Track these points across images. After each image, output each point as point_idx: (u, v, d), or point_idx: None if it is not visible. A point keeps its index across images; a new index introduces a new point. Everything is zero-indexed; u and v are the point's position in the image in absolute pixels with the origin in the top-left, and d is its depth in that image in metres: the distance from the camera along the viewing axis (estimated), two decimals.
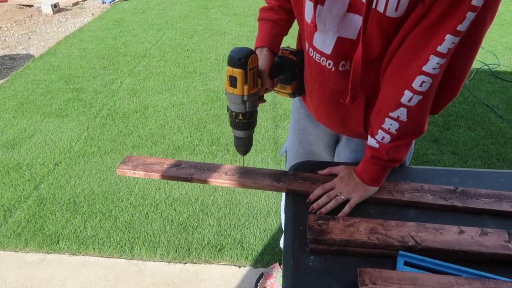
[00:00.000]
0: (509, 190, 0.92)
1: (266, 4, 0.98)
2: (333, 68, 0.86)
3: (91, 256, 1.77)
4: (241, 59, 0.79)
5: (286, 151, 1.29)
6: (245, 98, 0.84)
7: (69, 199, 2.08)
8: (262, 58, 0.91)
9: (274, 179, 0.96)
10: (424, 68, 0.72)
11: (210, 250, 1.78)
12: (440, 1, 0.66)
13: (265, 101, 0.95)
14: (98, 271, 1.70)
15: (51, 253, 1.79)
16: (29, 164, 2.34)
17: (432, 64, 0.71)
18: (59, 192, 2.13)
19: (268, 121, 2.71)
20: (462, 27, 0.66)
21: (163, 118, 2.78)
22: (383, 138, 0.83)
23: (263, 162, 2.31)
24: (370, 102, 0.90)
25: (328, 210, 0.87)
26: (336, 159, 1.15)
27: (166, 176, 0.98)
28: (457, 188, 0.93)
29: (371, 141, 0.86)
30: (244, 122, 0.87)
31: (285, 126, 2.65)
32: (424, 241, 0.76)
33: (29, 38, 4.38)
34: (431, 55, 0.70)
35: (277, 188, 0.95)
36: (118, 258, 1.76)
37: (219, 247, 1.80)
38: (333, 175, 0.97)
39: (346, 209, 0.87)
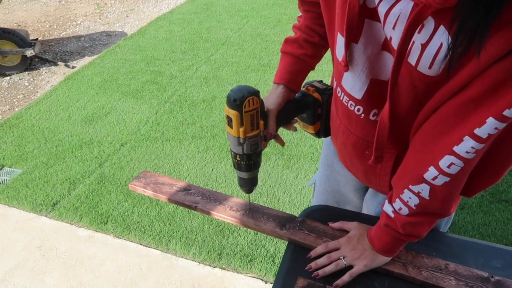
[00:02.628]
0: None
1: (293, 34, 0.89)
2: (363, 115, 0.74)
3: (132, 242, 1.87)
4: (236, 100, 0.72)
5: (315, 183, 1.20)
6: (241, 141, 0.77)
7: (125, 181, 2.21)
8: (276, 96, 0.83)
9: (278, 223, 0.89)
10: (455, 149, 0.59)
11: (241, 258, 1.76)
12: (487, 74, 0.52)
13: (266, 146, 0.86)
14: (135, 258, 1.79)
15: (99, 231, 1.93)
16: (99, 141, 2.53)
17: (466, 147, 0.58)
18: (119, 173, 2.27)
19: None
20: (510, 112, 0.52)
21: None
22: (400, 209, 0.71)
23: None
24: (400, 161, 0.77)
25: (325, 274, 0.78)
26: (364, 207, 1.03)
27: (172, 200, 0.96)
28: (492, 277, 0.76)
29: (387, 208, 0.74)
30: (243, 163, 0.81)
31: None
32: None
33: (127, 16, 4.69)
34: (466, 136, 0.57)
35: (279, 236, 0.87)
36: (154, 248, 1.83)
37: (250, 257, 1.77)
38: (345, 231, 0.86)
39: (346, 277, 0.77)
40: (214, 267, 1.74)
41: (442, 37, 0.52)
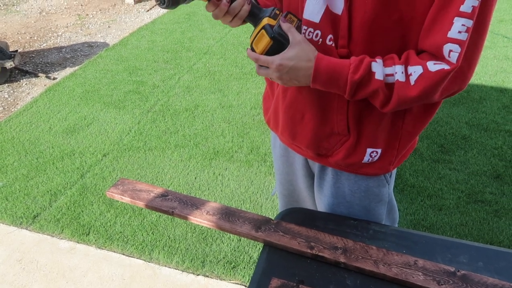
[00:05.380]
0: None
1: None
2: (321, 40, 0.80)
3: (114, 252, 1.86)
4: None
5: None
6: None
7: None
8: None
9: (254, 226, 0.91)
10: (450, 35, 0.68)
11: (224, 265, 1.77)
12: None
13: None
14: (117, 269, 1.78)
15: (81, 243, 1.92)
16: (81, 152, 2.52)
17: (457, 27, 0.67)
18: (101, 184, 2.26)
19: None
20: None
21: (210, 119, 2.81)
22: (410, 74, 0.73)
23: None
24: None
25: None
26: (317, 205, 1.07)
27: (150, 206, 0.98)
28: (458, 271, 0.80)
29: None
30: None
31: None
32: None
33: (109, 26, 4.68)
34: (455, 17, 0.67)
35: (254, 238, 0.89)
36: (137, 258, 1.83)
37: (233, 263, 1.78)
38: (316, 227, 0.89)
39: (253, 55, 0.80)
40: (198, 274, 1.75)
41: None
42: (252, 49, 0.82)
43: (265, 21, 0.80)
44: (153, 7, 0.90)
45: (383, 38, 0.75)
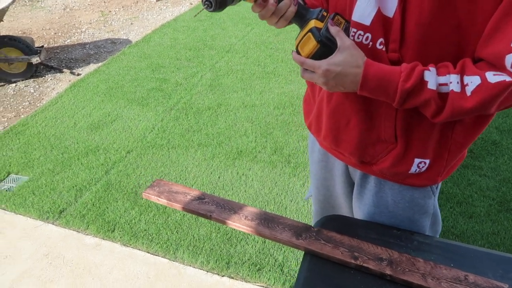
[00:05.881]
0: None
1: None
2: (371, 43, 0.77)
3: (139, 250, 1.86)
4: None
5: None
6: None
7: (131, 189, 2.20)
8: None
9: (294, 233, 0.89)
10: None
11: (249, 267, 1.75)
12: None
13: None
14: (142, 267, 1.78)
15: (106, 239, 1.92)
16: (105, 148, 2.53)
17: None
18: (125, 180, 2.27)
19: None
20: None
21: (233, 118, 2.79)
22: (466, 84, 0.69)
23: None
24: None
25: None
26: (354, 212, 1.04)
27: (187, 209, 0.96)
28: None
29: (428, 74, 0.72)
30: None
31: None
32: None
33: (131, 23, 4.72)
34: None
35: (295, 245, 0.87)
36: (162, 257, 1.83)
37: (258, 266, 1.76)
38: (357, 236, 0.87)
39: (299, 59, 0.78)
40: (223, 276, 1.74)
41: None
42: (298, 52, 0.80)
43: (312, 23, 0.77)
44: (200, 11, 0.89)
45: (437, 44, 0.72)
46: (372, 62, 0.74)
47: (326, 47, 0.75)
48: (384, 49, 0.76)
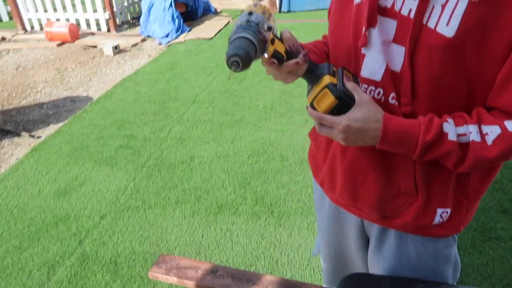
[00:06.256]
0: None
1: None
2: (383, 98, 0.79)
3: None
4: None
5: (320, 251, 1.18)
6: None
7: (110, 258, 2.06)
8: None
9: None
10: None
11: None
12: None
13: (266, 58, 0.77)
14: None
15: None
16: (76, 215, 2.38)
17: None
18: (102, 250, 2.12)
19: None
20: None
21: (208, 170, 2.74)
22: (486, 134, 0.71)
23: (309, 229, 2.18)
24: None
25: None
26: (370, 267, 1.02)
27: (202, 286, 0.90)
28: None
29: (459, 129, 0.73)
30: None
31: None
32: None
33: (90, 79, 4.62)
34: None
35: None
36: None
37: None
38: None
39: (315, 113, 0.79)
40: None
41: None
42: (313, 107, 0.80)
43: (327, 79, 0.78)
44: (230, 74, 0.87)
45: (448, 96, 0.74)
46: (390, 116, 0.75)
47: (344, 102, 0.76)
48: (396, 103, 0.78)
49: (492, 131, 0.70)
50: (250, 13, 0.74)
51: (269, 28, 0.75)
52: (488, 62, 0.69)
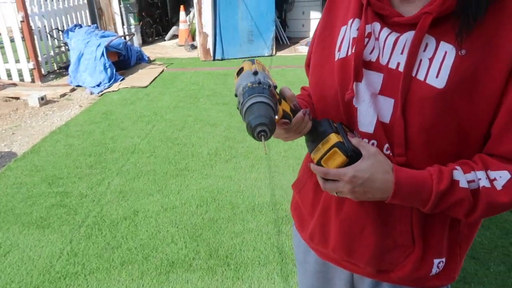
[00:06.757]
0: None
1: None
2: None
3: None
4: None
5: None
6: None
7: None
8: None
9: None
10: None
11: None
12: None
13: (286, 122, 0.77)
14: None
15: None
16: None
17: None
18: None
19: (268, 226, 2.52)
20: None
21: (154, 225, 2.56)
22: (494, 179, 0.70)
23: (269, 279, 2.08)
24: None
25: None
26: None
27: None
28: None
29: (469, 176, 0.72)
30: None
31: (288, 232, 2.46)
32: None
33: (13, 133, 4.24)
34: None
35: None
36: None
37: None
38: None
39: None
40: None
41: (445, 47, 0.69)
42: (320, 166, 0.77)
43: (334, 138, 0.76)
44: (265, 146, 0.78)
45: (442, 144, 0.74)
46: (399, 168, 0.73)
47: (354, 160, 0.74)
48: (391, 154, 0.77)
49: (501, 177, 0.70)
50: (256, 73, 0.70)
51: (275, 87, 0.72)
52: (481, 109, 0.70)
